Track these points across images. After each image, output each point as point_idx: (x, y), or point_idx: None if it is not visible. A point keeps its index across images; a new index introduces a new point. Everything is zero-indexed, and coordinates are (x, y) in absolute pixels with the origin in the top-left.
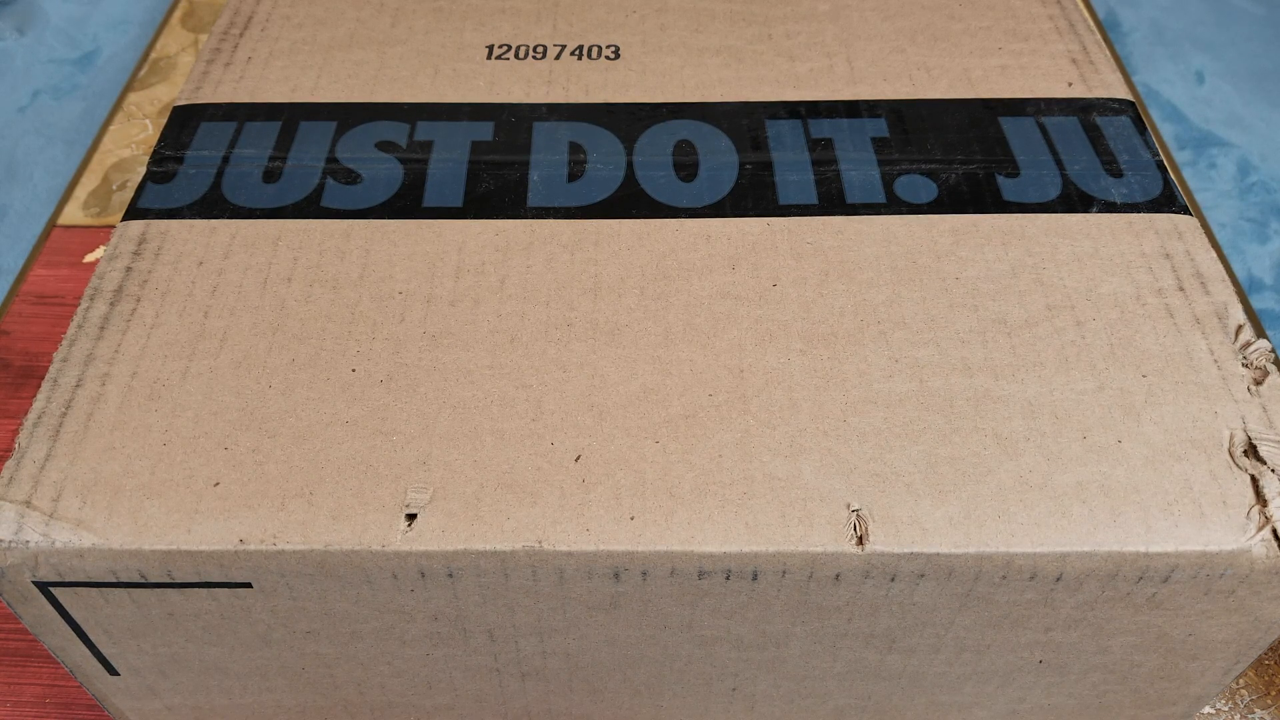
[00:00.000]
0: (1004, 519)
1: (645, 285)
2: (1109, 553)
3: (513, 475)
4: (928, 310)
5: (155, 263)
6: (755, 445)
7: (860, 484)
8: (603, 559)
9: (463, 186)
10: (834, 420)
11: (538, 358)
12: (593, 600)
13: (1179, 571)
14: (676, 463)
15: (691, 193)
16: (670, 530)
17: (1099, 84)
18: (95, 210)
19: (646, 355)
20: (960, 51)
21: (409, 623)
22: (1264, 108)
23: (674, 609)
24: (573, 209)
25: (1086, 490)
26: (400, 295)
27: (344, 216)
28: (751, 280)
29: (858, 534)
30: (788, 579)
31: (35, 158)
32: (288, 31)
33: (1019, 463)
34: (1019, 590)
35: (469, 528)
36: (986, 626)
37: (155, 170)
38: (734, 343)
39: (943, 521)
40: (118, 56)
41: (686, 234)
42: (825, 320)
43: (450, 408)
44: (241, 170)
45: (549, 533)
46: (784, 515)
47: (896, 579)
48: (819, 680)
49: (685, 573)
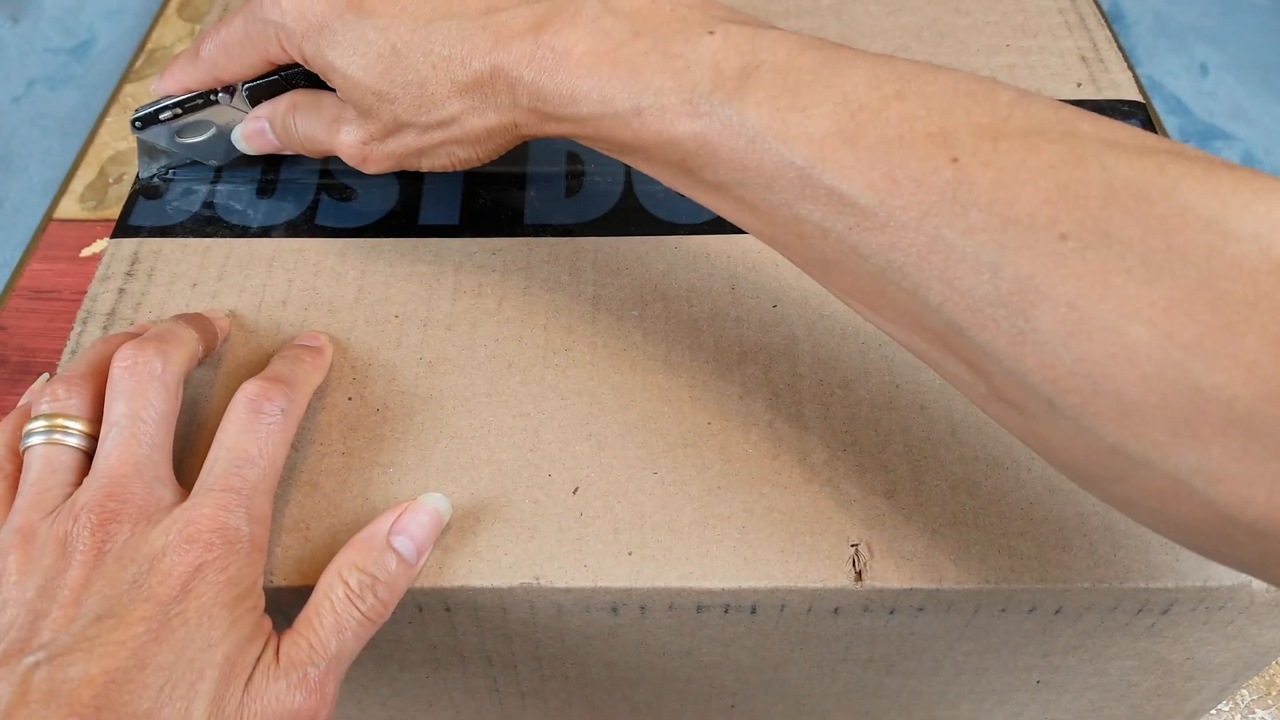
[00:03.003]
0: (1004, 553)
1: (644, 307)
2: (1109, 587)
3: (510, 509)
4: None
5: (149, 284)
6: (755, 476)
7: (860, 517)
8: (600, 595)
9: (459, 203)
10: (834, 449)
11: (535, 384)
12: (591, 631)
13: (1179, 605)
14: (675, 495)
15: (691, 207)
16: (668, 566)
17: (1109, 84)
18: (92, 204)
19: (645, 381)
20: (967, 50)
21: (408, 651)
22: (1268, 100)
23: (672, 639)
24: (570, 226)
25: (1088, 523)
26: (397, 319)
27: (339, 235)
28: (751, 301)
29: (856, 569)
30: (786, 612)
31: (30, 149)
32: None
33: (1020, 494)
34: (1018, 621)
35: (467, 564)
36: (985, 652)
37: (145, 184)
38: (734, 367)
39: (942, 556)
40: (114, 46)
41: (685, 251)
42: (827, 343)
43: (448, 437)
44: (234, 185)
45: (546, 568)
46: (783, 550)
47: (896, 612)
48: (817, 699)
49: (683, 607)
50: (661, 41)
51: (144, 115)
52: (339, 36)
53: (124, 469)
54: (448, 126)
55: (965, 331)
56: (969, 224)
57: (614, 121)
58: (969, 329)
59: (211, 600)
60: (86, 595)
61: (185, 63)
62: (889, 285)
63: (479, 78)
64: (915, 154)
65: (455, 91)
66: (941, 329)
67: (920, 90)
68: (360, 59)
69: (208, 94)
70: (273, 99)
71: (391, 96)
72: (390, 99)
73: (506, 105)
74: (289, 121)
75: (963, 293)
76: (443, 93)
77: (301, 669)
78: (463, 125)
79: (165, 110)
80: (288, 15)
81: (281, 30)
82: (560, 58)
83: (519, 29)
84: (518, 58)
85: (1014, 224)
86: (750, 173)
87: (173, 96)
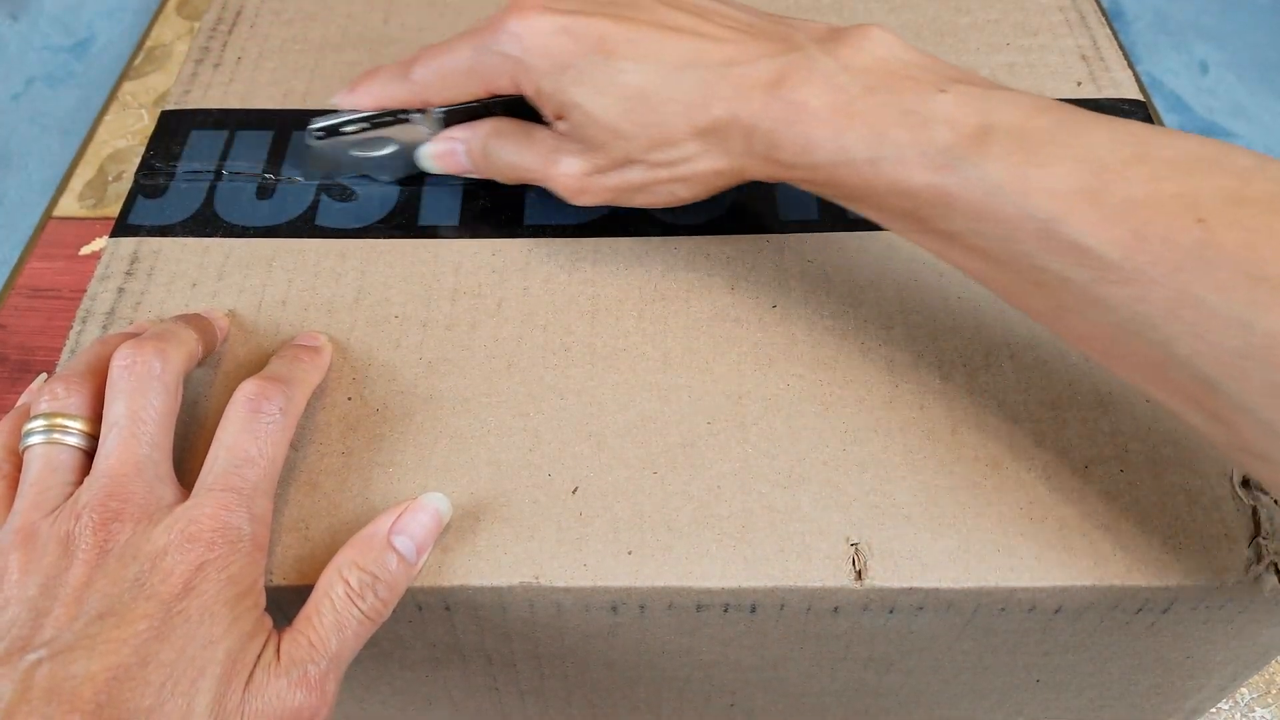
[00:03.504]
0: (1004, 552)
1: (643, 307)
2: (1109, 587)
3: (510, 508)
4: (930, 331)
5: (148, 284)
6: (754, 475)
7: (859, 516)
8: (600, 594)
9: (459, 203)
10: (834, 449)
11: (535, 384)
12: (590, 630)
13: (1179, 604)
14: (675, 494)
15: (691, 208)
16: (668, 565)
17: (1109, 83)
18: (91, 202)
19: (644, 381)
20: (967, 48)
21: (407, 650)
22: (1268, 98)
23: (672, 637)
24: (570, 227)
25: (1088, 523)
26: (396, 319)
27: (339, 236)
28: (751, 302)
29: (856, 568)
30: (786, 611)
31: (30, 146)
32: (278, 28)
33: (1020, 494)
34: (1018, 620)
35: (466, 563)
36: (984, 651)
37: (145, 183)
38: (733, 368)
39: (942, 555)
40: (113, 44)
41: (685, 253)
42: (825, 344)
43: (448, 437)
44: (234, 185)
45: (546, 568)
46: (782, 549)
47: (895, 611)
48: (817, 697)
49: (683, 606)
50: (895, 98)
51: (327, 127)
52: (584, 75)
53: (125, 468)
54: (676, 166)
55: (1216, 384)
56: (1218, 281)
57: (848, 170)
58: (1220, 381)
59: (213, 598)
60: (89, 593)
61: (387, 81)
62: (1134, 336)
63: (716, 124)
64: (1162, 213)
65: (692, 134)
66: (1188, 381)
67: (1159, 154)
68: (604, 98)
69: (399, 113)
70: (469, 123)
71: (629, 134)
72: (627, 136)
73: (738, 151)
74: (490, 146)
75: (1213, 345)
76: (680, 135)
77: (302, 667)
78: (692, 166)
79: (352, 124)
80: (530, 53)
81: (519, 65)
82: (798, 110)
83: (759, 81)
84: (757, 108)
85: (1265, 282)
86: (987, 224)
87: (360, 111)
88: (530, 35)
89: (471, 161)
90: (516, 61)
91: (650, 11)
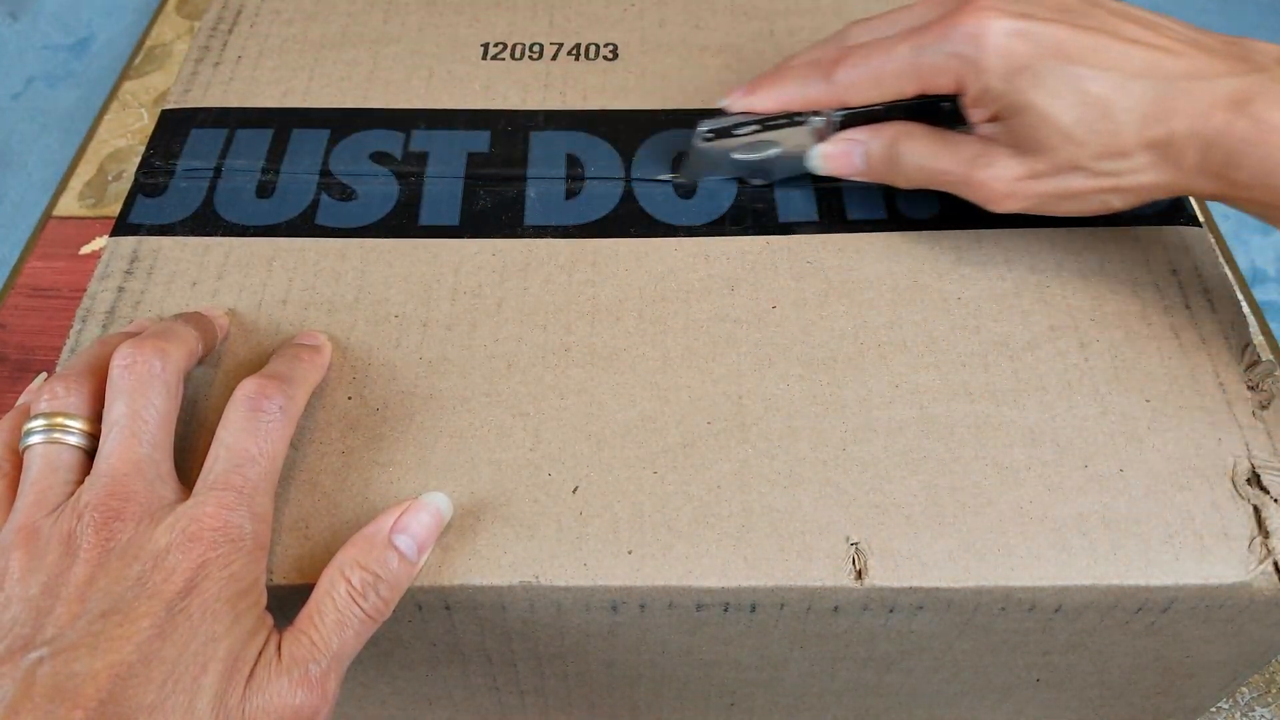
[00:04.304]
0: (1003, 552)
1: (643, 308)
2: (1108, 586)
3: (510, 508)
4: (929, 332)
5: (148, 283)
6: (754, 475)
7: (859, 515)
8: (600, 593)
9: (459, 204)
10: (833, 449)
11: (535, 384)
12: (590, 629)
13: (1179, 603)
14: (675, 494)
15: (690, 210)
16: (668, 565)
17: None
18: (91, 201)
19: (644, 381)
20: None
21: (407, 650)
22: None
23: (672, 637)
24: (570, 228)
25: (1087, 522)
26: (396, 319)
27: (339, 235)
28: (750, 302)
29: (856, 568)
30: (786, 610)
31: (30, 146)
32: (278, 27)
33: (1019, 493)
34: (1018, 620)
35: (466, 562)
36: (984, 650)
37: (145, 182)
38: (733, 368)
39: (941, 555)
40: (113, 43)
41: (685, 253)
42: (825, 344)
43: (448, 437)
44: (234, 184)
45: (546, 567)
46: (782, 548)
47: (895, 610)
48: (817, 696)
49: (683, 605)
50: None
51: (718, 129)
52: (1043, 78)
53: (126, 468)
54: (1120, 176)
55: None
56: None
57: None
58: None
59: (215, 596)
60: (91, 592)
61: (804, 83)
62: None
63: (1173, 138)
64: None
65: (1144, 146)
66: None
67: None
68: (1061, 101)
69: (795, 115)
70: (870, 126)
71: (1080, 140)
72: (1078, 142)
73: (1189, 167)
74: (899, 148)
75: None
76: (1132, 145)
77: (303, 666)
78: (1136, 178)
79: (745, 126)
80: (987, 52)
81: (971, 65)
82: (1268, 131)
83: (1222, 99)
84: (1219, 126)
85: None
86: None
87: (754, 115)
88: (989, 35)
89: (868, 164)
90: (969, 61)
91: (1103, 21)
